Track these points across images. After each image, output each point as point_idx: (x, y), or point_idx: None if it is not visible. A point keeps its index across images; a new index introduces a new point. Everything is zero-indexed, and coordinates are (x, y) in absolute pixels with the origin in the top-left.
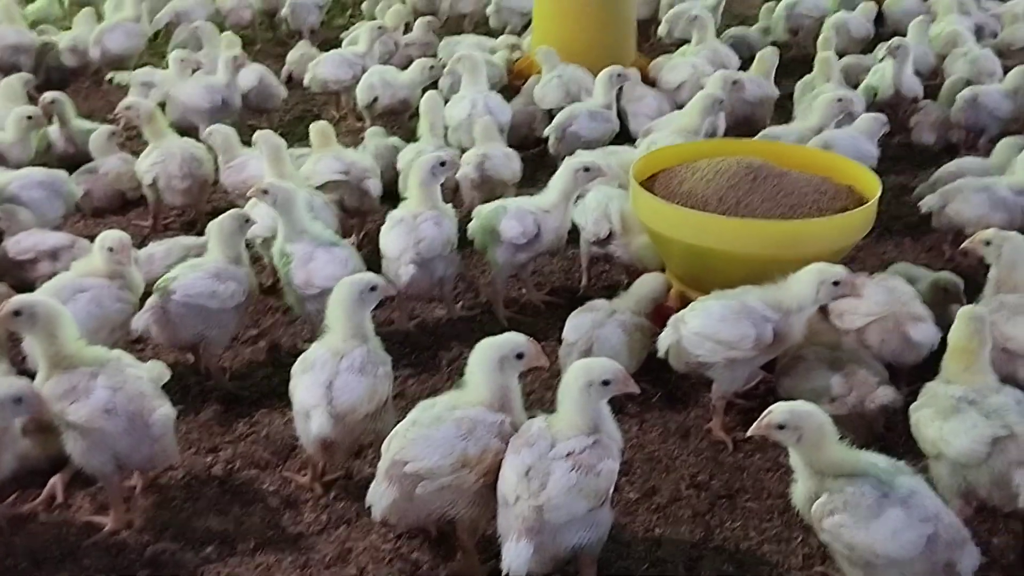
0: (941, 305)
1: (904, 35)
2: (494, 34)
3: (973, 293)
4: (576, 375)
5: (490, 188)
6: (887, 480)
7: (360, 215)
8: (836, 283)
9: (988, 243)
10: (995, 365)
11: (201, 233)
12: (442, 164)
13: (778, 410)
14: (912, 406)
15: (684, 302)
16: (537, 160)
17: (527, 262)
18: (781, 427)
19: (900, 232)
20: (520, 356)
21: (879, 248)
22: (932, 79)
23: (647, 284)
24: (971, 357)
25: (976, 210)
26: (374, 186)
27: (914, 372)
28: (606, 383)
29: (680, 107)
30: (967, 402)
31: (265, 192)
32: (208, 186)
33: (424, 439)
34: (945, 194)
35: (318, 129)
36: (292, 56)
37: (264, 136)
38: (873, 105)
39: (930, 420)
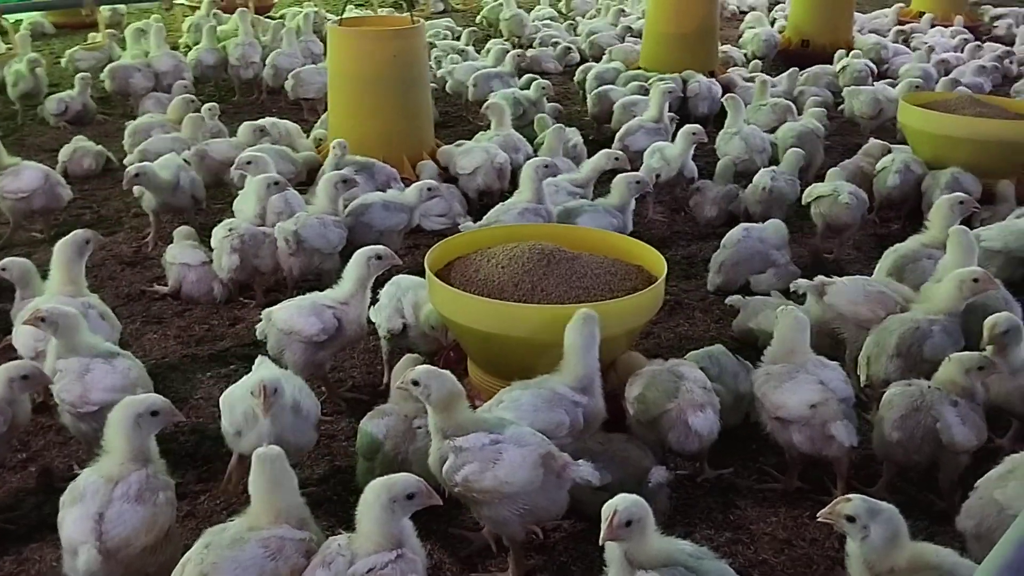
0: None
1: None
2: None
3: None
4: (377, 492)
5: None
6: (694, 566)
7: None
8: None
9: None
10: (770, 432)
11: None
12: None
13: (623, 507)
14: None
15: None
16: None
17: (327, 359)
18: (628, 524)
19: (690, 306)
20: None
21: (672, 322)
22: None
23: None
24: None
25: None
26: None
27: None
28: (410, 497)
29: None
30: None
31: (42, 320)
32: None
33: (230, 562)
34: None
35: None
36: (65, 151)
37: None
38: (656, 185)
39: None
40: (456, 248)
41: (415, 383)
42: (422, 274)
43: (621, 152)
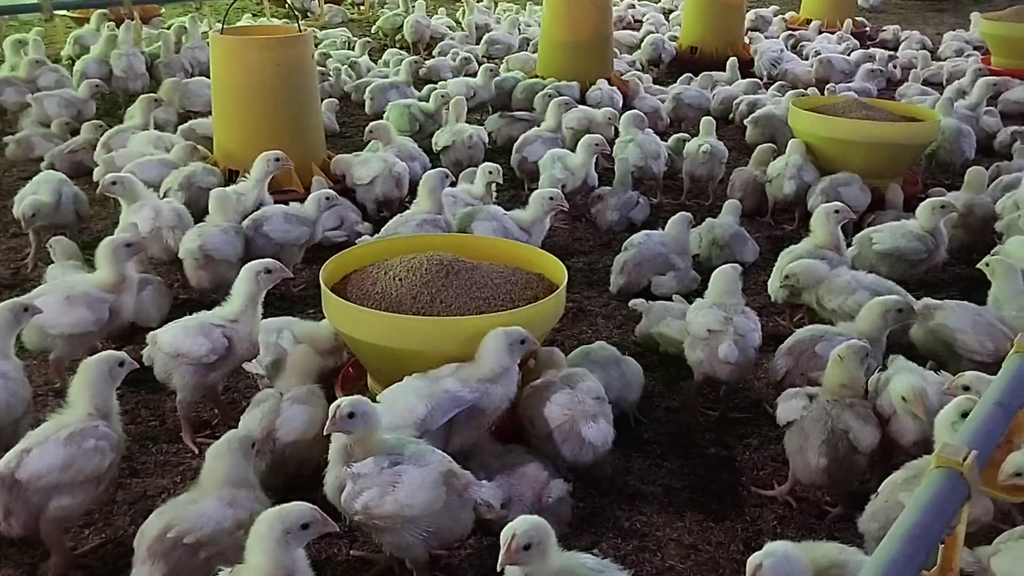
0: None
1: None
2: None
3: None
4: (270, 524)
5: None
6: None
7: None
8: (523, 341)
9: None
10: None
11: None
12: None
13: (521, 530)
14: None
15: None
16: None
17: (218, 381)
18: (528, 547)
19: (593, 312)
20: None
21: (575, 329)
22: None
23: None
24: None
25: None
26: None
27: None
28: (305, 527)
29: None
30: None
31: None
32: None
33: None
34: None
35: None
36: None
37: None
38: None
39: None
40: (352, 261)
41: (351, 415)
42: (317, 287)
43: (557, 191)
